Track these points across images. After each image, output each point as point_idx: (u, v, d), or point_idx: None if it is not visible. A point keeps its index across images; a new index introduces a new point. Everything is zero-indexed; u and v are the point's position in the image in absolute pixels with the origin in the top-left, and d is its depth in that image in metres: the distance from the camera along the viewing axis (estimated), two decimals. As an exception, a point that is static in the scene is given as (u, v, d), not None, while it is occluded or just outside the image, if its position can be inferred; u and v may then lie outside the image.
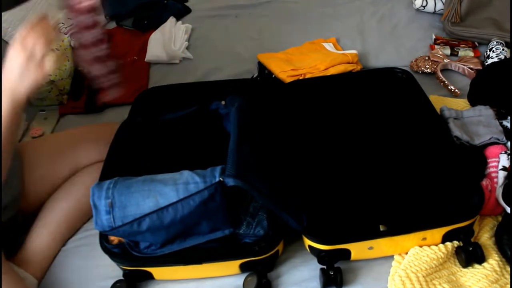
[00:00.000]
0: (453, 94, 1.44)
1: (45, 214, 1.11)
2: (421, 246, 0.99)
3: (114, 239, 0.98)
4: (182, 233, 0.93)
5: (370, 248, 0.97)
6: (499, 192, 1.03)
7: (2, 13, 1.66)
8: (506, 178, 1.04)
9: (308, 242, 0.97)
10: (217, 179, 0.88)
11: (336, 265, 0.96)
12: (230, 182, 0.87)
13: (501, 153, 1.08)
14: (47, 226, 1.09)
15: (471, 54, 1.60)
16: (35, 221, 1.10)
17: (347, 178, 1.03)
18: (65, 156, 1.18)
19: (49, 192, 1.14)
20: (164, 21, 1.85)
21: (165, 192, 0.88)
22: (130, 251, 0.96)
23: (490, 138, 1.12)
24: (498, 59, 1.48)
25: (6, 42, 1.73)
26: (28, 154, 1.16)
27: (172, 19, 1.86)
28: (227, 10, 1.98)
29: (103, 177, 1.00)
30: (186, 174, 0.91)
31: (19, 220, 1.12)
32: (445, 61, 1.54)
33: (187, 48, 1.77)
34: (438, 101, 1.34)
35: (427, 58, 1.56)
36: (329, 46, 1.61)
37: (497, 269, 0.95)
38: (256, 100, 1.22)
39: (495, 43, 1.54)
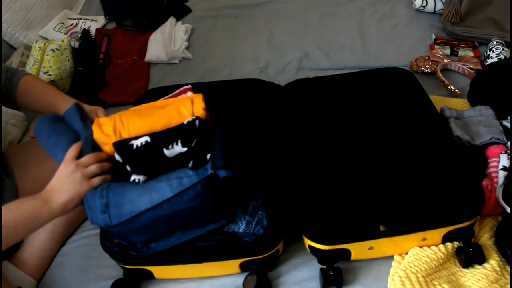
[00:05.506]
0: (453, 94, 1.44)
1: None
2: (421, 247, 0.98)
3: (115, 238, 0.98)
4: (179, 227, 0.94)
5: (370, 248, 0.97)
6: (499, 192, 1.02)
7: (2, 13, 1.66)
8: (506, 178, 1.04)
9: (308, 242, 0.97)
10: (209, 172, 0.88)
11: (336, 265, 0.97)
12: (222, 173, 0.88)
13: (501, 153, 1.08)
14: (44, 225, 1.09)
15: (471, 54, 1.60)
16: None
17: (348, 178, 1.03)
18: None
19: None
20: (164, 21, 1.85)
21: (159, 188, 0.88)
22: (129, 252, 0.96)
23: (490, 138, 1.12)
24: (498, 59, 1.48)
25: (6, 42, 1.73)
26: (19, 157, 1.16)
27: (172, 19, 1.86)
28: (227, 10, 1.98)
29: None
30: (179, 170, 0.92)
31: None
32: (445, 61, 1.54)
33: (187, 48, 1.77)
34: (438, 101, 1.34)
35: (427, 58, 1.56)
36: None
37: (497, 269, 0.95)
38: (256, 100, 1.22)
39: (495, 43, 1.54)
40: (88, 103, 1.52)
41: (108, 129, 0.95)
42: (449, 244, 0.99)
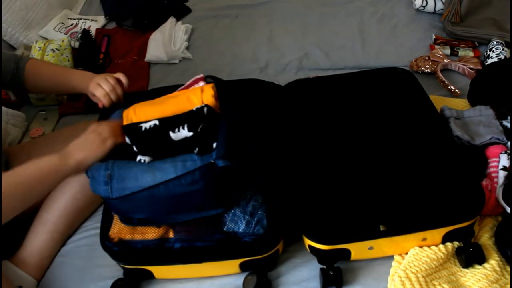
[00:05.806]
0: (453, 94, 1.44)
1: (42, 214, 1.11)
2: (421, 247, 0.99)
3: (115, 237, 0.98)
4: (176, 210, 0.96)
5: (370, 248, 0.97)
6: (499, 192, 1.02)
7: (2, 13, 1.66)
8: (506, 178, 1.04)
9: (308, 242, 0.97)
10: (214, 157, 0.90)
11: (336, 265, 0.97)
12: (220, 163, 0.89)
13: (501, 153, 1.08)
14: (45, 225, 1.09)
15: (471, 54, 1.60)
16: (33, 221, 1.10)
17: (348, 177, 1.03)
18: None
19: None
20: (164, 21, 1.85)
21: (164, 168, 0.90)
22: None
23: (490, 138, 1.12)
24: (498, 59, 1.48)
25: (6, 42, 1.73)
26: (19, 158, 1.15)
27: (172, 19, 1.86)
28: (227, 10, 1.98)
29: None
30: (185, 154, 0.94)
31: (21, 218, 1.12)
32: (445, 61, 1.54)
33: (187, 48, 1.77)
34: (438, 101, 1.34)
35: (427, 58, 1.56)
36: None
37: (497, 269, 0.95)
38: (256, 100, 1.21)
39: (495, 43, 1.54)
40: (87, 103, 1.53)
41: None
42: (449, 244, 0.99)
